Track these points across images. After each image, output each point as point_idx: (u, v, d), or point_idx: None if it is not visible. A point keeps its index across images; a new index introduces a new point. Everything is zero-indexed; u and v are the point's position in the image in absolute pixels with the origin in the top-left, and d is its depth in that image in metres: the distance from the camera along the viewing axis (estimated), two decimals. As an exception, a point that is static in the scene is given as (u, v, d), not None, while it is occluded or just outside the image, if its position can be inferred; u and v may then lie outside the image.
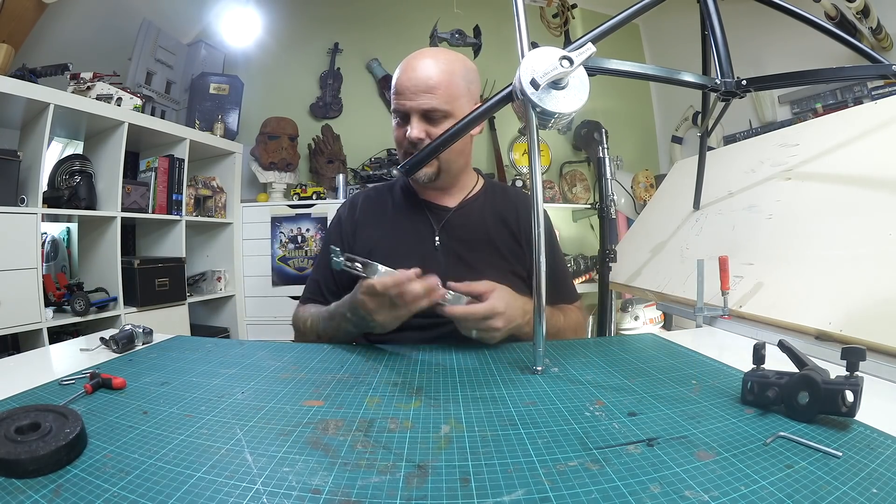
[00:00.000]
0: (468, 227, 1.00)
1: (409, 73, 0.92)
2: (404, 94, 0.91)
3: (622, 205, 3.19)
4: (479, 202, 1.04)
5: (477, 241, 0.99)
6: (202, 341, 0.84)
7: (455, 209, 1.02)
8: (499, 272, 0.96)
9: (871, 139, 0.99)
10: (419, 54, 0.95)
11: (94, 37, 2.26)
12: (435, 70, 0.91)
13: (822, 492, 0.35)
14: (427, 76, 0.91)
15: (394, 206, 1.05)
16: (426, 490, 0.36)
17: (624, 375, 0.63)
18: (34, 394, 0.57)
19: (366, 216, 1.04)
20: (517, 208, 1.05)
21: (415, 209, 1.02)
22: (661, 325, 2.81)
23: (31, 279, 1.62)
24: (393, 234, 1.00)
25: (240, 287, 2.61)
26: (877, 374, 0.63)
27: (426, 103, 0.90)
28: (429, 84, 0.90)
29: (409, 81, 0.91)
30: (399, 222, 1.02)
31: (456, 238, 0.98)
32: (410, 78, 0.91)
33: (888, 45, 2.04)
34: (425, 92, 0.90)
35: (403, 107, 0.92)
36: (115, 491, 0.36)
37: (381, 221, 1.03)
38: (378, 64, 3.04)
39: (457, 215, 1.01)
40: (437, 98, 0.90)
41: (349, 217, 1.05)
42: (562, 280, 1.07)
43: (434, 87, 0.90)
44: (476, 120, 0.81)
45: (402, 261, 0.93)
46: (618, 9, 0.85)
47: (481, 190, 1.07)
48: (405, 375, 0.64)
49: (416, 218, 1.01)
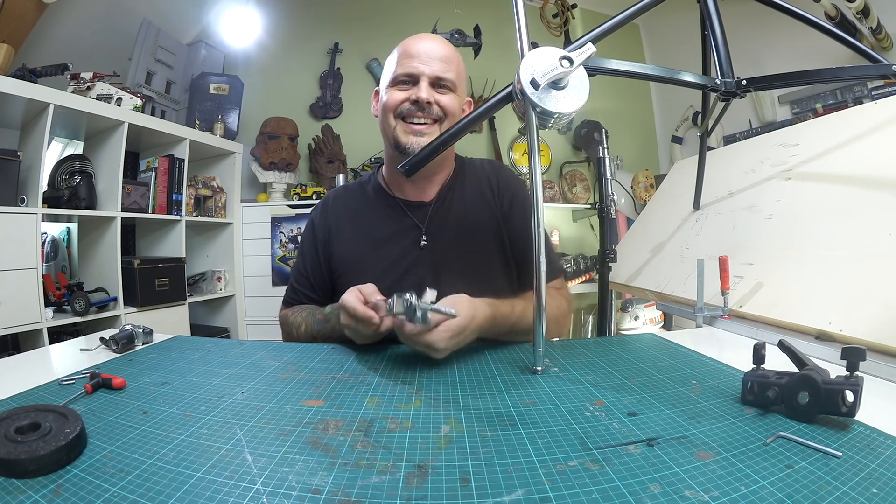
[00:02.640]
0: (452, 218, 0.97)
1: (421, 42, 0.92)
2: (418, 58, 0.90)
3: (622, 205, 3.19)
4: (456, 188, 1.00)
5: (462, 232, 0.96)
6: (202, 341, 0.84)
7: (435, 203, 0.98)
8: (484, 259, 0.96)
9: (871, 139, 0.99)
10: (428, 34, 0.95)
11: (94, 37, 2.26)
12: (447, 47, 0.93)
13: (822, 492, 0.35)
14: (441, 47, 0.92)
15: (369, 209, 1.00)
16: (426, 490, 0.36)
17: (624, 375, 0.62)
18: (34, 394, 0.57)
19: (338, 220, 1.00)
20: (488, 178, 1.03)
21: (392, 210, 0.98)
22: (661, 325, 2.81)
23: (31, 279, 1.62)
24: (374, 241, 0.96)
25: (240, 287, 2.61)
26: (877, 374, 0.63)
27: (440, 70, 0.90)
28: (444, 55, 0.91)
29: (423, 48, 0.91)
30: (379, 228, 0.97)
31: (442, 234, 0.95)
32: (425, 46, 0.91)
33: (888, 45, 2.04)
34: (441, 60, 0.90)
35: (416, 69, 0.90)
36: (115, 491, 0.36)
37: (357, 226, 0.99)
38: (378, 64, 3.04)
39: (438, 209, 0.97)
40: (450, 70, 0.91)
41: (322, 222, 1.01)
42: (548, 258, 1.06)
43: (448, 59, 0.92)
44: (476, 120, 0.81)
45: (389, 269, 0.93)
46: (618, 9, 0.85)
47: (454, 174, 1.03)
48: (405, 375, 0.64)
49: (397, 219, 0.97)
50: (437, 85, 0.91)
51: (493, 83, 2.80)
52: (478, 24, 2.75)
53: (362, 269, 0.93)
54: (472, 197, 1.00)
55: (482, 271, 0.94)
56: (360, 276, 0.82)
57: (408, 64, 0.90)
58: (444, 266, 0.92)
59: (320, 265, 1.00)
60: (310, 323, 0.90)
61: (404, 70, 0.91)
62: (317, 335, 0.88)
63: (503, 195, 1.01)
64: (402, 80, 0.91)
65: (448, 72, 0.91)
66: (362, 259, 0.95)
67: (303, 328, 0.91)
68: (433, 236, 0.95)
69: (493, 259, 0.96)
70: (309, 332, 0.90)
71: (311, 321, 0.89)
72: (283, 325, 0.99)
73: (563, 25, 3.01)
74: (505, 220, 0.98)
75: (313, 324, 0.89)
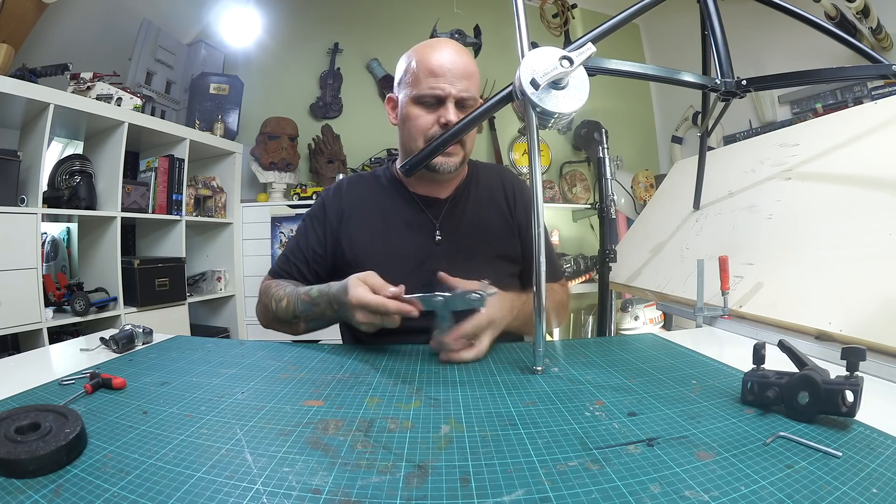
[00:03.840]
0: (466, 217, 0.98)
1: (447, 56, 0.89)
2: (445, 77, 0.87)
3: (622, 205, 3.19)
4: (471, 189, 1.02)
5: (475, 230, 0.97)
6: (202, 341, 0.84)
7: (450, 200, 0.99)
8: (497, 260, 0.97)
9: (871, 139, 0.99)
10: (447, 42, 0.93)
11: (94, 37, 2.26)
12: (468, 59, 0.91)
13: (822, 492, 0.35)
14: (465, 63, 0.90)
15: (385, 200, 1.00)
16: (426, 490, 0.36)
17: (624, 375, 0.62)
18: (34, 394, 0.57)
19: (352, 207, 0.99)
20: (503, 185, 1.04)
21: (408, 203, 0.98)
22: (661, 325, 2.81)
23: (31, 279, 1.62)
24: (389, 231, 0.96)
25: (240, 287, 2.61)
26: (877, 374, 0.63)
27: (465, 90, 0.89)
28: (467, 70, 0.89)
29: (451, 65, 0.88)
30: (394, 218, 0.97)
31: (456, 231, 0.97)
32: (452, 62, 0.88)
33: (888, 45, 2.04)
34: (464, 78, 0.89)
35: (443, 91, 0.87)
36: (115, 491, 0.36)
37: (371, 214, 0.98)
38: (378, 64, 3.04)
39: (453, 207, 0.99)
40: (472, 86, 0.90)
41: (335, 204, 1.00)
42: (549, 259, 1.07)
43: (471, 75, 0.90)
44: (476, 120, 0.82)
45: (403, 260, 0.93)
46: (618, 9, 0.85)
47: (469, 174, 1.04)
48: (405, 375, 0.64)
49: (413, 213, 0.97)
50: (462, 105, 0.90)
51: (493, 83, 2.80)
52: (478, 24, 2.75)
53: (375, 255, 0.93)
54: (486, 199, 1.02)
55: (494, 271, 0.94)
56: (372, 262, 0.83)
57: (433, 83, 0.88)
58: (457, 262, 0.93)
59: (324, 244, 0.98)
60: (293, 300, 0.86)
61: (431, 91, 0.88)
62: (299, 315, 0.85)
63: (517, 203, 1.03)
64: (428, 101, 0.90)
65: (471, 88, 0.90)
66: (376, 246, 0.94)
67: (284, 303, 0.87)
68: (447, 233, 0.96)
69: (504, 261, 0.97)
70: (290, 309, 0.86)
71: (295, 299, 0.86)
72: (263, 295, 0.95)
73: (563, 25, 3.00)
74: (520, 228, 1.01)
75: (296, 303, 0.85)
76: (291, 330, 0.90)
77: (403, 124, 0.94)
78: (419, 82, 0.89)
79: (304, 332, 0.88)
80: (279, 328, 0.93)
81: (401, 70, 0.94)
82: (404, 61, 0.94)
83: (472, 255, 0.95)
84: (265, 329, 0.97)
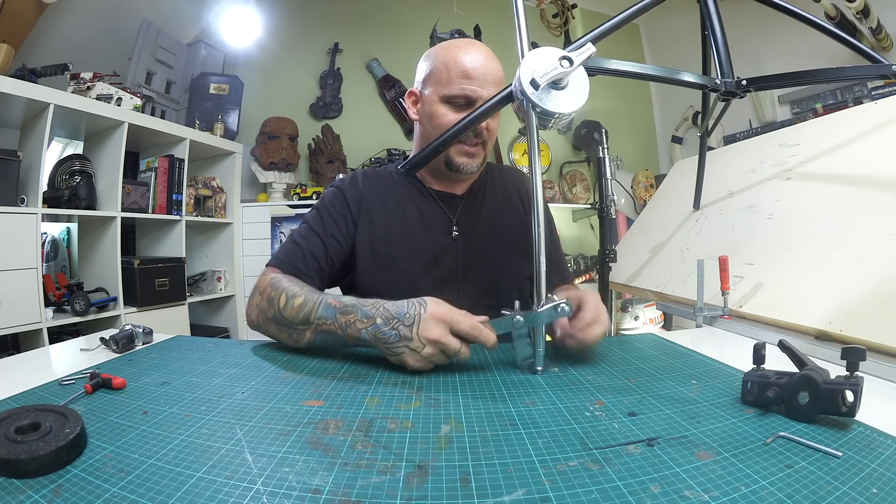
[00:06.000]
0: (482, 214, 0.98)
1: (481, 60, 0.88)
2: (478, 80, 0.87)
3: (622, 205, 3.19)
4: (486, 187, 1.02)
5: (492, 228, 0.97)
6: (202, 341, 0.84)
7: (465, 197, 0.99)
8: (514, 259, 0.96)
9: (871, 139, 0.99)
10: (480, 45, 0.92)
11: (94, 37, 2.26)
12: (497, 65, 0.91)
13: (822, 492, 0.35)
14: (497, 68, 0.90)
15: (400, 194, 0.97)
16: (426, 490, 0.36)
17: (624, 375, 0.62)
18: (34, 394, 0.57)
19: (370, 197, 0.95)
20: (518, 187, 1.05)
21: (424, 199, 0.97)
22: (661, 325, 2.81)
23: (31, 279, 1.62)
24: (406, 225, 0.94)
25: (240, 287, 2.61)
26: (877, 374, 0.63)
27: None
28: (498, 76, 0.90)
29: (484, 69, 0.88)
30: (410, 212, 0.95)
31: (472, 227, 0.96)
32: (486, 66, 0.88)
33: (888, 45, 2.04)
34: (496, 84, 0.88)
35: (475, 93, 0.87)
36: (115, 491, 0.36)
37: (387, 208, 0.95)
38: (378, 64, 3.04)
39: (469, 204, 0.98)
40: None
41: (353, 192, 0.95)
42: (563, 263, 1.09)
43: (501, 81, 0.90)
44: (476, 120, 0.82)
45: (419, 255, 0.92)
46: (618, 9, 0.85)
47: (484, 174, 1.04)
48: (405, 375, 0.64)
49: (429, 208, 0.96)
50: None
51: (493, 83, 2.80)
52: (478, 24, 2.75)
53: (392, 247, 0.91)
54: (501, 198, 1.02)
55: (509, 269, 0.94)
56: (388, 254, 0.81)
57: (465, 85, 0.87)
58: (473, 259, 0.92)
59: (344, 232, 0.92)
60: (313, 302, 0.72)
61: (463, 92, 0.87)
62: (312, 321, 0.71)
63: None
64: (458, 102, 0.89)
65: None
66: (394, 237, 0.92)
67: (298, 301, 0.73)
68: (463, 229, 0.95)
69: (519, 260, 0.97)
70: (305, 310, 0.72)
71: (317, 301, 0.72)
72: (269, 287, 0.79)
73: (563, 25, 3.01)
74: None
75: (317, 306, 0.72)
76: (290, 337, 0.75)
77: (428, 121, 0.93)
78: (451, 82, 0.88)
79: (303, 344, 0.74)
80: (273, 330, 0.78)
81: (429, 66, 0.93)
82: (432, 58, 0.92)
83: (488, 252, 0.94)
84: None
